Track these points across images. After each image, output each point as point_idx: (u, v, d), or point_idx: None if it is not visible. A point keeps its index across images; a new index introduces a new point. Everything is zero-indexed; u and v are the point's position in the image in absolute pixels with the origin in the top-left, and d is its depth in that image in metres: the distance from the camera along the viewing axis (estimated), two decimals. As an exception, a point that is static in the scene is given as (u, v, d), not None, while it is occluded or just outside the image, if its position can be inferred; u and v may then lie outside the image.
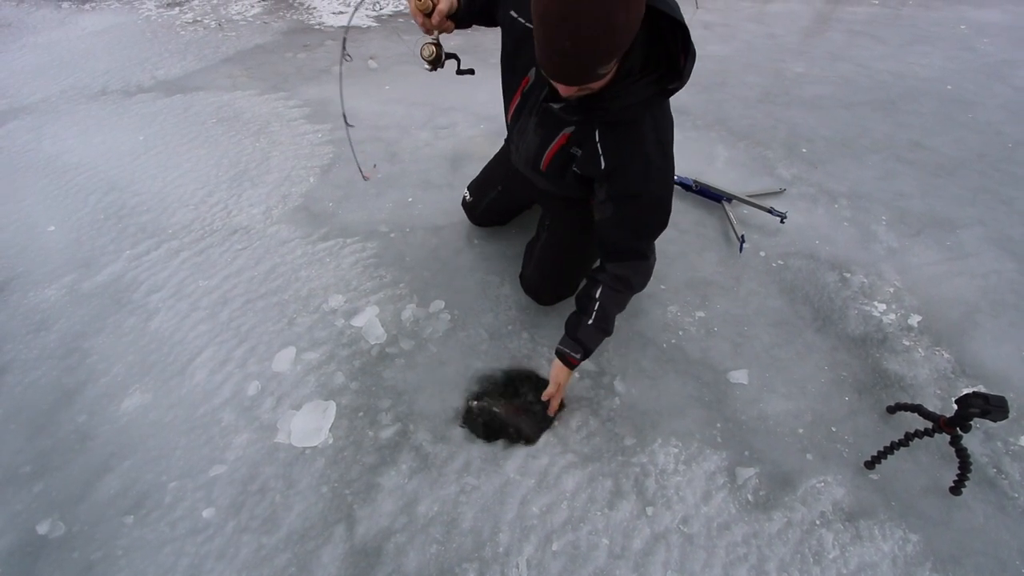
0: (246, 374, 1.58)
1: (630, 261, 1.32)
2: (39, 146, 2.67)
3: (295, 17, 4.20)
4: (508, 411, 1.47)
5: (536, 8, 0.86)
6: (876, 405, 1.52)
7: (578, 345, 1.33)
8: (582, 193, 1.37)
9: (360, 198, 2.26)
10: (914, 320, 1.76)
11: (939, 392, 1.56)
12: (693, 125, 2.84)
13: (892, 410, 1.49)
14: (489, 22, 1.35)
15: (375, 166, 2.36)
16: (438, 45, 1.20)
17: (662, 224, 1.29)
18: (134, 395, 1.54)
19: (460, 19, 1.25)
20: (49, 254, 2.03)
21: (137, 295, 1.84)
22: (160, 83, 3.23)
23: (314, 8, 4.32)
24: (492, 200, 1.91)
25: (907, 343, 1.69)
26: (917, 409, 1.40)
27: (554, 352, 1.38)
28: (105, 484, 1.34)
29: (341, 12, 4.23)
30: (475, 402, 1.50)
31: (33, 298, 1.85)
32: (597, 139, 1.19)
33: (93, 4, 4.51)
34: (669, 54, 1.03)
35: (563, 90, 1.02)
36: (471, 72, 1.34)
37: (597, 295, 1.32)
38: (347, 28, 1.26)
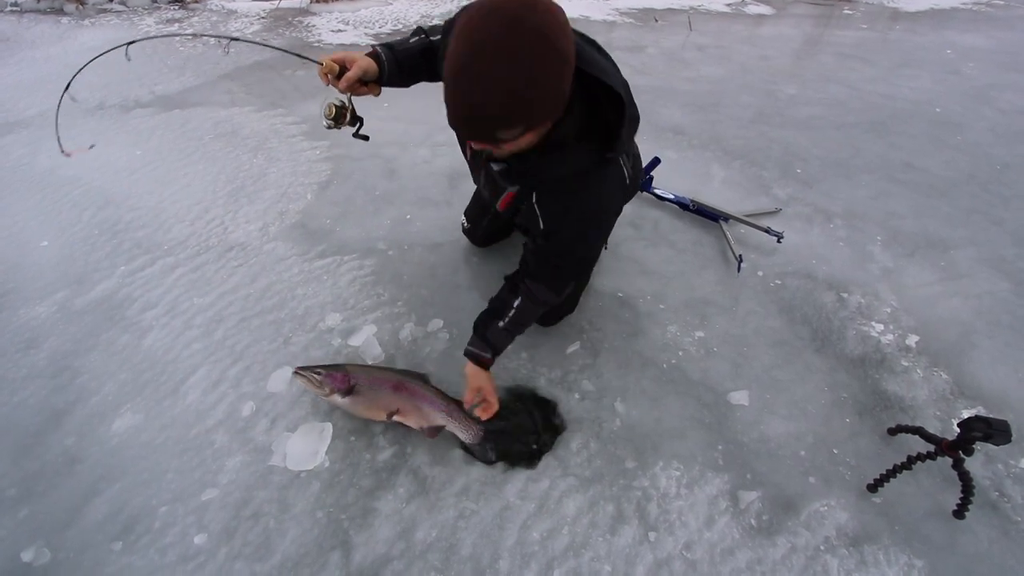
0: (240, 394, 1.55)
1: (549, 287, 1.34)
2: (34, 160, 2.65)
3: (294, 35, 4.24)
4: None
5: (444, 64, 0.88)
6: (877, 427, 1.52)
7: (487, 345, 1.37)
8: None
9: (358, 215, 2.26)
10: (911, 341, 1.76)
11: (939, 414, 1.56)
12: (689, 144, 2.87)
13: (893, 432, 1.48)
14: (433, 78, 1.31)
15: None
16: (341, 106, 1.25)
17: (579, 276, 1.36)
18: (125, 415, 1.51)
19: (391, 82, 1.28)
20: (41, 270, 2.00)
21: (131, 312, 1.81)
22: (158, 98, 3.24)
23: (313, 26, 4.37)
24: (489, 222, 1.92)
25: (905, 364, 1.69)
26: (918, 432, 1.39)
27: (464, 354, 1.40)
28: (93, 509, 1.30)
29: (340, 30, 4.28)
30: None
31: (23, 315, 1.82)
32: (534, 200, 1.21)
33: (92, 20, 4.53)
34: (608, 123, 1.05)
35: (474, 144, 1.03)
36: (365, 138, 1.36)
37: (515, 304, 1.34)
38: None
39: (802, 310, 1.87)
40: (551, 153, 1.05)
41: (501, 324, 1.36)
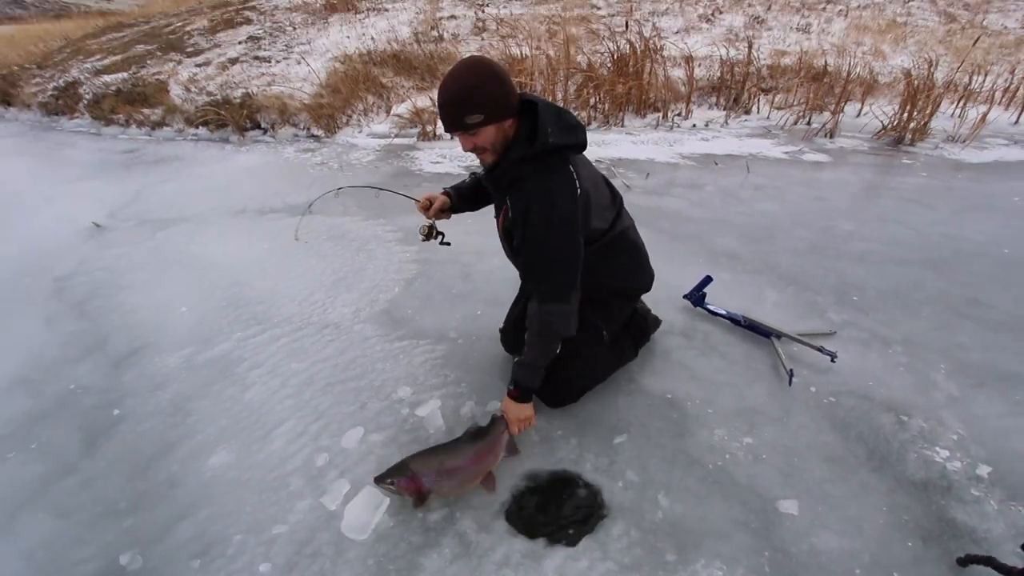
0: (318, 447, 1.76)
1: (539, 304, 1.58)
2: (187, 248, 3.30)
3: (400, 164, 5.09)
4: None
5: None
6: (944, 556, 1.43)
7: (512, 379, 1.65)
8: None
9: (436, 309, 2.57)
10: (983, 471, 1.68)
11: (1019, 551, 1.44)
12: (743, 269, 3.04)
13: (963, 562, 1.39)
14: (486, 201, 1.88)
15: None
16: (431, 226, 1.86)
17: (553, 273, 1.56)
18: (220, 454, 1.75)
19: (459, 208, 1.87)
20: (177, 330, 2.43)
21: (239, 370, 2.14)
22: (288, 207, 3.96)
23: (416, 158, 5.22)
24: (516, 316, 2.06)
25: (976, 493, 1.60)
26: (989, 562, 1.31)
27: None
28: (182, 529, 1.49)
29: (438, 162, 5.08)
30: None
31: (158, 363, 2.20)
32: (507, 201, 1.59)
33: (248, 147, 5.71)
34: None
35: (463, 144, 1.49)
36: (448, 244, 1.92)
37: (525, 340, 1.64)
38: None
39: (857, 428, 1.85)
40: (509, 150, 1.49)
41: (520, 359, 1.64)
